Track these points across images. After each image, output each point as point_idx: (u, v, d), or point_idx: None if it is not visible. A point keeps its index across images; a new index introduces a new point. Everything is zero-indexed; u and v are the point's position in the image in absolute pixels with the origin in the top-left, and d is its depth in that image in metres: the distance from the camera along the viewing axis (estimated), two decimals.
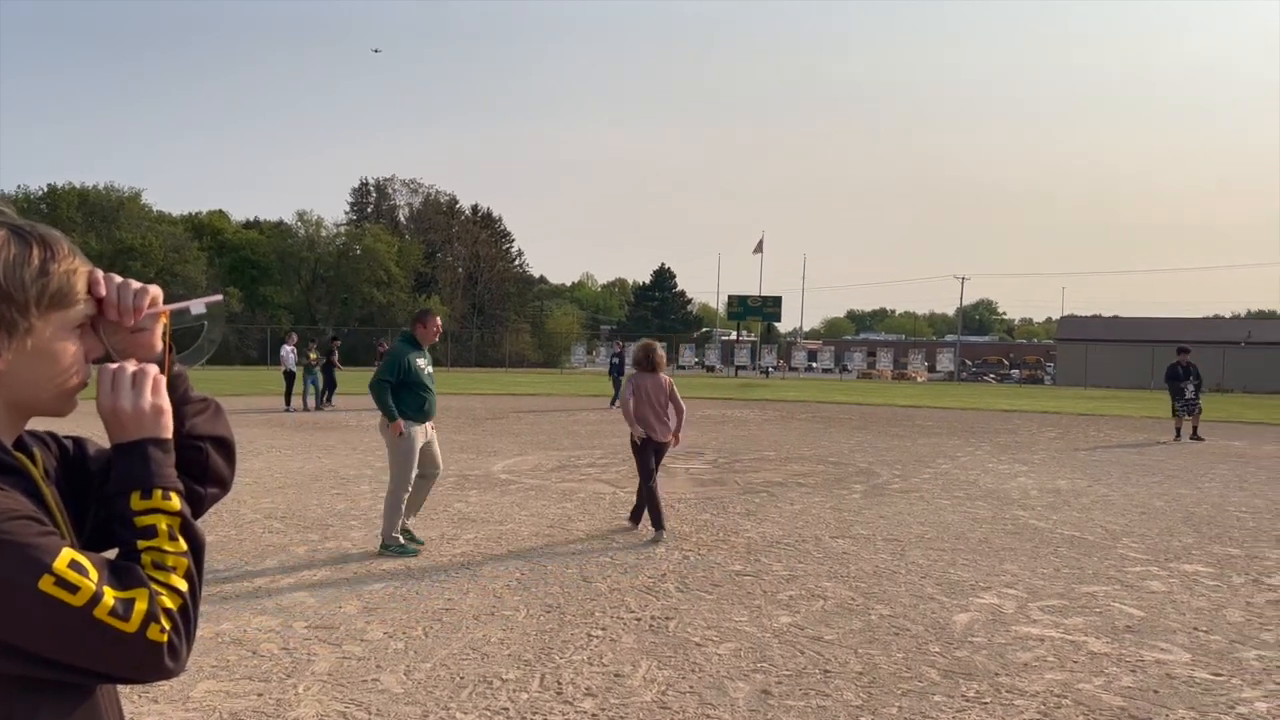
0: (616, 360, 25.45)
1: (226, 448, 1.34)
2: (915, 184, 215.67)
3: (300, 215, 71.69)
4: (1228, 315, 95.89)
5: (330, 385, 22.50)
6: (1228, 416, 24.93)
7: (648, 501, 7.87)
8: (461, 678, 4.39)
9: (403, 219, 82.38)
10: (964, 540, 7.90)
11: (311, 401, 21.40)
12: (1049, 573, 6.77)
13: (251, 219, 75.22)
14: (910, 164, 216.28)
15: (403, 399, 7.08)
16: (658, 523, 7.74)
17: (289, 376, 21.49)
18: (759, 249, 65.43)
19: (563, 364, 71.30)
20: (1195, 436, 18.04)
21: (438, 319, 7.63)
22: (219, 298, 1.31)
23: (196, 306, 1.29)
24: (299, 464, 11.92)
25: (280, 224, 72.49)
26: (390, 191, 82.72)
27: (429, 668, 4.52)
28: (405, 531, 7.17)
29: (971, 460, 13.91)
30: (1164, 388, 19.22)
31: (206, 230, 66.77)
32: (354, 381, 28.03)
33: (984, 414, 25.84)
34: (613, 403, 24.52)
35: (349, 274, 69.08)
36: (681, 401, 8.12)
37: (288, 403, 21.21)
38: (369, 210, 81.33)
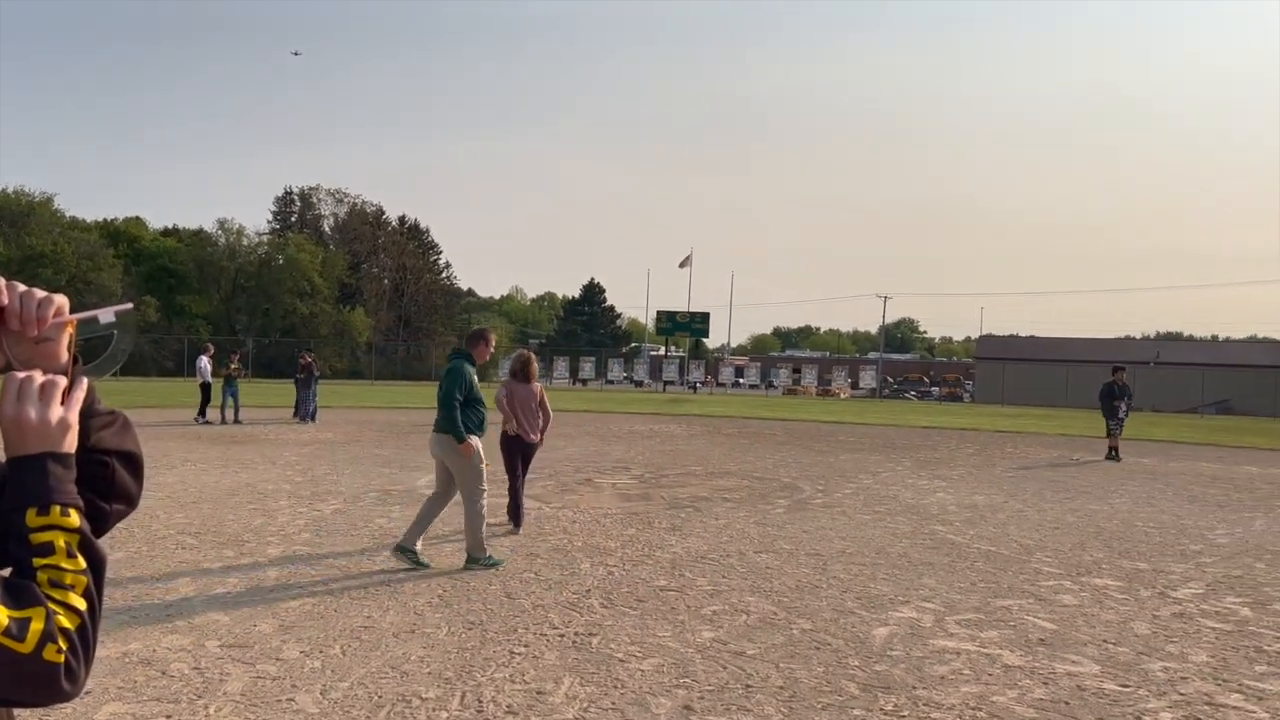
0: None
1: (134, 463, 1.30)
2: (840, 204, 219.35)
3: (221, 223, 70.21)
4: (1138, 336, 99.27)
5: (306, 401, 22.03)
6: (1137, 435, 25.76)
7: (510, 500, 8.77)
8: (380, 697, 4.31)
9: (327, 229, 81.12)
10: (884, 555, 8.02)
11: (230, 414, 20.89)
12: (966, 587, 6.91)
13: (170, 226, 73.35)
14: (835, 184, 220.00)
15: (466, 415, 7.34)
16: (516, 521, 8.70)
17: (205, 388, 20.96)
18: (686, 263, 65.90)
19: (491, 378, 70.72)
20: (1112, 457, 17.95)
21: (494, 339, 8.00)
22: (129, 306, 1.28)
23: (105, 315, 1.25)
24: (215, 478, 11.62)
25: (200, 232, 70.83)
26: (315, 201, 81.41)
27: (346, 686, 4.43)
28: (410, 553, 7.11)
29: (892, 476, 14.15)
30: (1083, 405, 19.64)
31: (122, 237, 64.93)
32: (273, 394, 27.46)
33: (905, 430, 26.32)
34: None
35: (271, 284, 67.74)
36: (550, 410, 9.01)
37: (201, 414, 20.66)
38: (293, 220, 79.92)
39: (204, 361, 21.40)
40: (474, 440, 7.27)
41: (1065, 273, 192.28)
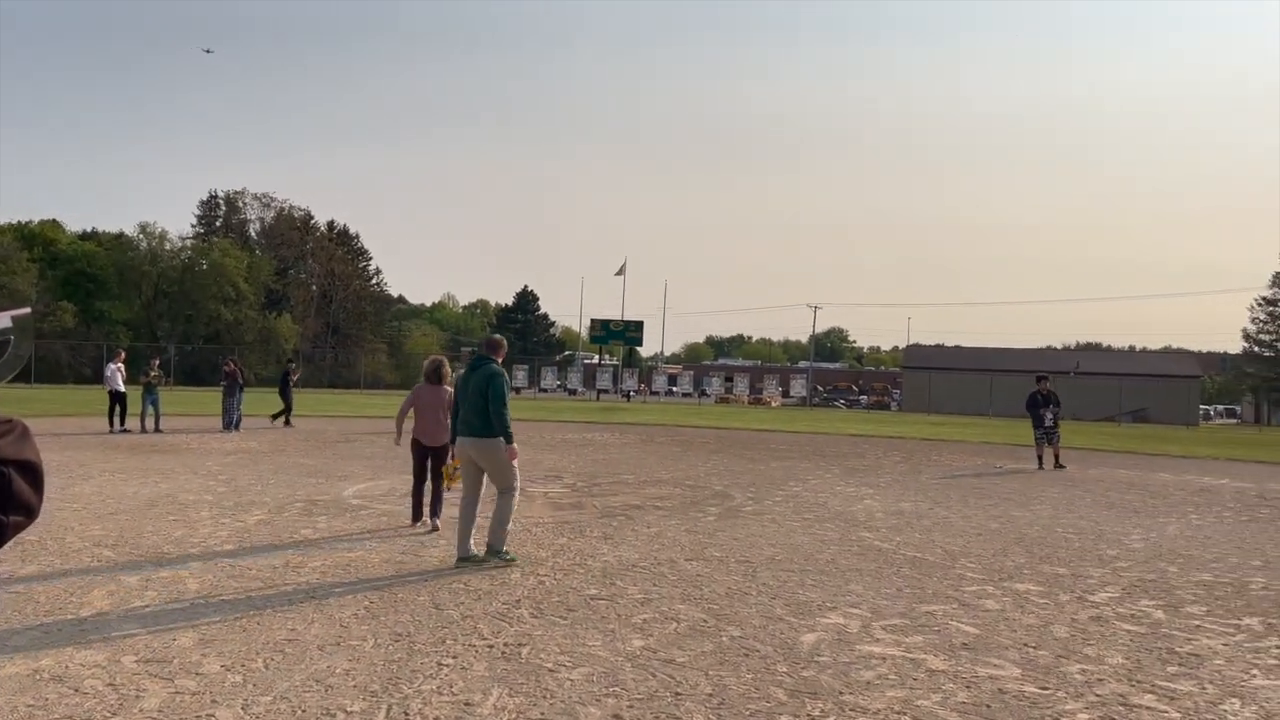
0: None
1: (33, 472, 1.26)
2: (772, 215, 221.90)
3: (143, 227, 68.44)
4: (1059, 346, 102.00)
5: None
6: None
7: (413, 497, 9.28)
8: (303, 711, 4.23)
9: (254, 234, 79.62)
10: (813, 561, 8.11)
11: (151, 423, 20.32)
12: (892, 593, 7.02)
13: (89, 230, 71.28)
14: (767, 195, 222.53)
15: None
16: (416, 515, 9.19)
17: (115, 396, 20.28)
18: (621, 271, 66.00)
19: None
20: (1058, 465, 18.08)
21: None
22: (26, 311, 1.23)
23: (1, 321, 1.21)
24: (134, 489, 11.30)
25: (120, 236, 68.94)
26: (241, 205, 79.89)
27: (269, 701, 4.34)
28: (474, 558, 7.53)
29: (821, 483, 14.32)
30: (1007, 414, 20.00)
31: (38, 240, 62.97)
32: (195, 402, 26.82)
33: (834, 438, 26.66)
34: None
35: (194, 290, 66.21)
36: (448, 416, 8.98)
37: (111, 424, 20.01)
38: (218, 224, 78.28)
39: (111, 369, 20.66)
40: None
41: (990, 284, 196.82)
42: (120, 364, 20.78)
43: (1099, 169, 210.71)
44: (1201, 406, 72.59)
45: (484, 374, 7.65)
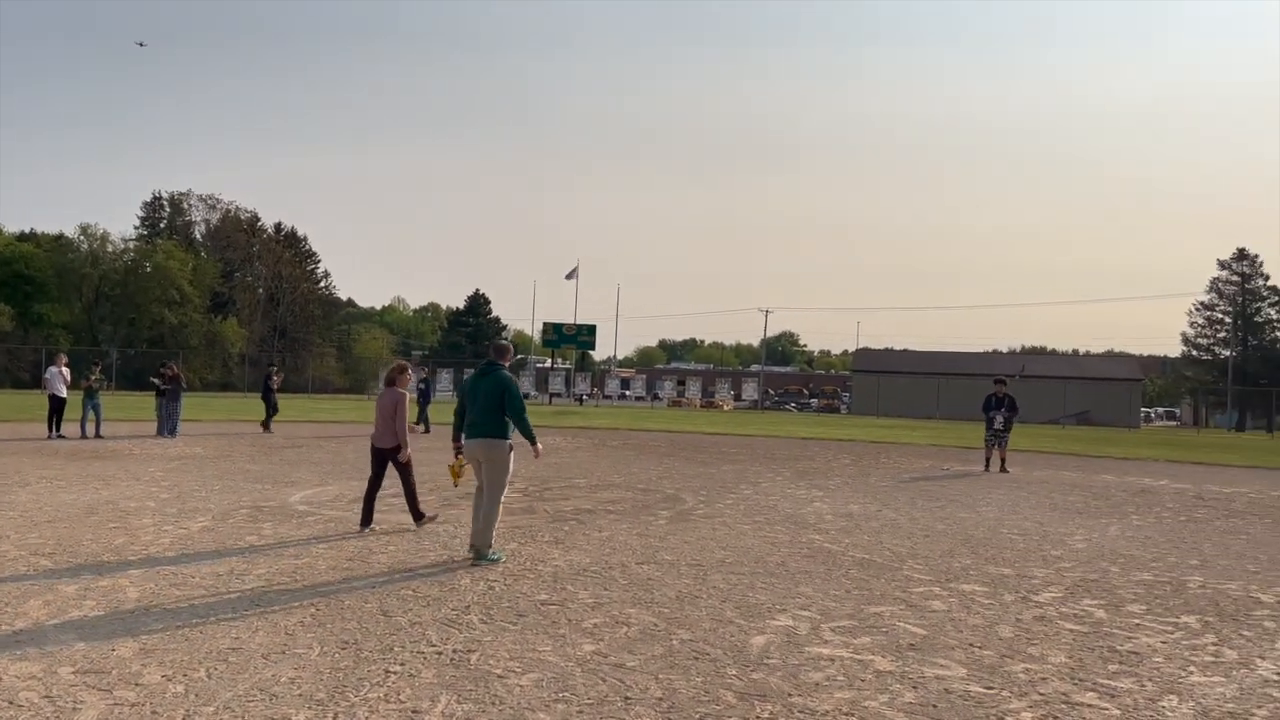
0: (424, 387, 24.88)
1: None
2: (724, 219, 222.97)
3: (84, 229, 66.96)
4: (1005, 350, 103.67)
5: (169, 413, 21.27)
6: None
7: (364, 501, 9.39)
8: None
9: (199, 236, 78.28)
10: (763, 564, 8.15)
11: (91, 428, 19.87)
12: (840, 594, 7.07)
13: (27, 231, 69.56)
14: (720, 200, 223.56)
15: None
16: (365, 520, 9.26)
17: (55, 400, 19.81)
18: (573, 275, 65.92)
19: (371, 389, 69.21)
20: (1003, 469, 18.18)
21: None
22: None
23: None
24: (73, 496, 11.05)
25: (60, 237, 67.38)
26: (186, 207, 78.54)
27: (211, 711, 4.25)
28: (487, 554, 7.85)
29: (772, 486, 14.41)
30: (954, 416, 20.21)
31: None
32: (138, 407, 26.27)
33: (785, 441, 26.85)
34: (424, 430, 24.01)
35: (137, 292, 64.91)
36: (403, 417, 9.25)
37: (50, 429, 19.52)
38: (162, 226, 76.82)
39: (53, 372, 20.16)
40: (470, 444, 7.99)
41: (938, 289, 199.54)
42: (63, 368, 20.30)
43: (1044, 179, 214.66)
44: (1142, 409, 74.23)
45: (496, 380, 7.93)
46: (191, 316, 66.53)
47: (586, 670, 5.02)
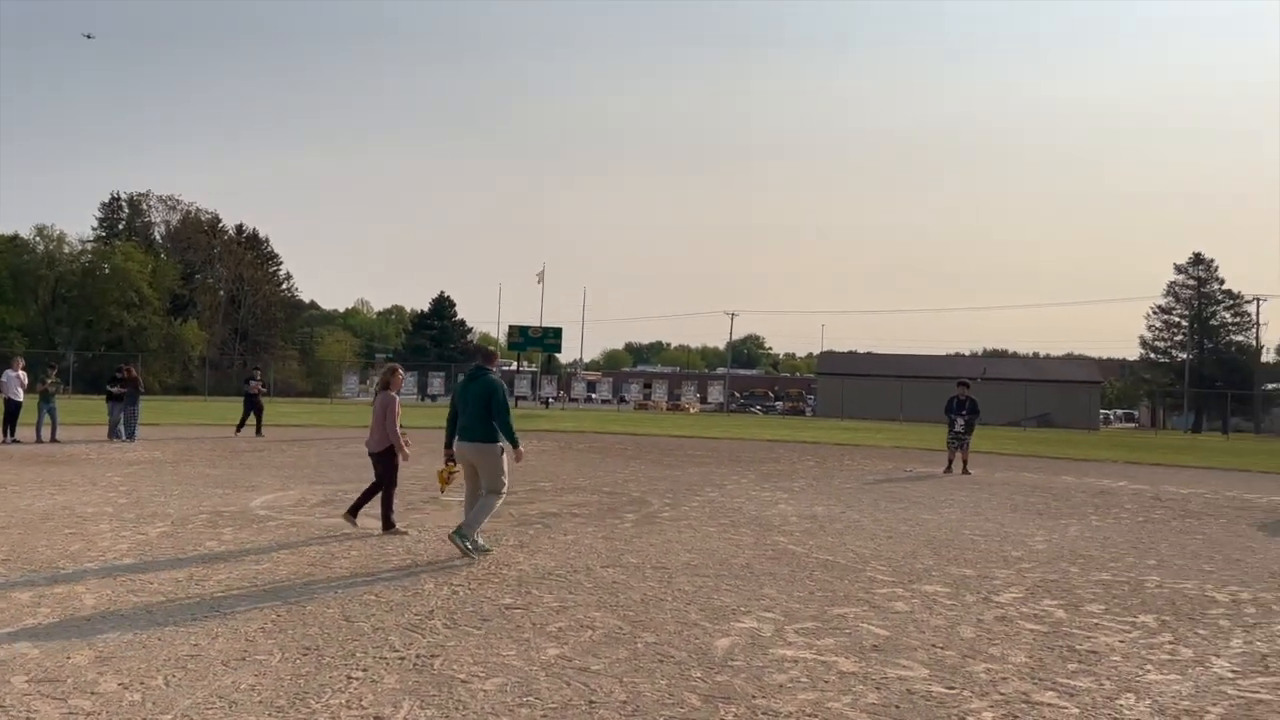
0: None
1: None
2: (690, 221, 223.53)
3: (39, 230, 65.82)
4: (967, 353, 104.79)
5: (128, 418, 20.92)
6: None
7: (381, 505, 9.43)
8: None
9: (158, 237, 77.22)
10: (728, 566, 8.17)
11: (47, 433, 19.53)
12: (804, 596, 7.11)
13: None
14: (686, 203, 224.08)
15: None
16: (353, 511, 9.45)
17: (10, 405, 19.46)
18: (540, 278, 65.77)
19: (333, 393, 68.61)
20: (965, 471, 18.27)
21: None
22: None
23: None
24: (28, 501, 10.85)
25: (15, 239, 66.18)
26: (145, 207, 77.44)
27: (169, 719, 4.19)
28: (474, 544, 8.15)
29: (737, 488, 14.45)
30: (918, 419, 20.33)
31: None
32: (96, 411, 25.87)
33: (750, 444, 26.94)
34: None
35: (95, 295, 63.90)
36: (390, 422, 9.27)
37: (5, 434, 19.15)
38: (120, 227, 75.70)
39: (9, 375, 19.81)
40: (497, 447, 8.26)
41: (901, 292, 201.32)
42: (20, 371, 19.96)
43: (1004, 183, 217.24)
44: (1101, 411, 75.35)
45: (484, 385, 8.16)
46: (151, 319, 65.61)
47: (551, 674, 5.00)
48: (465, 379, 8.41)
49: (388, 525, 9.37)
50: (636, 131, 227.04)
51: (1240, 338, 76.60)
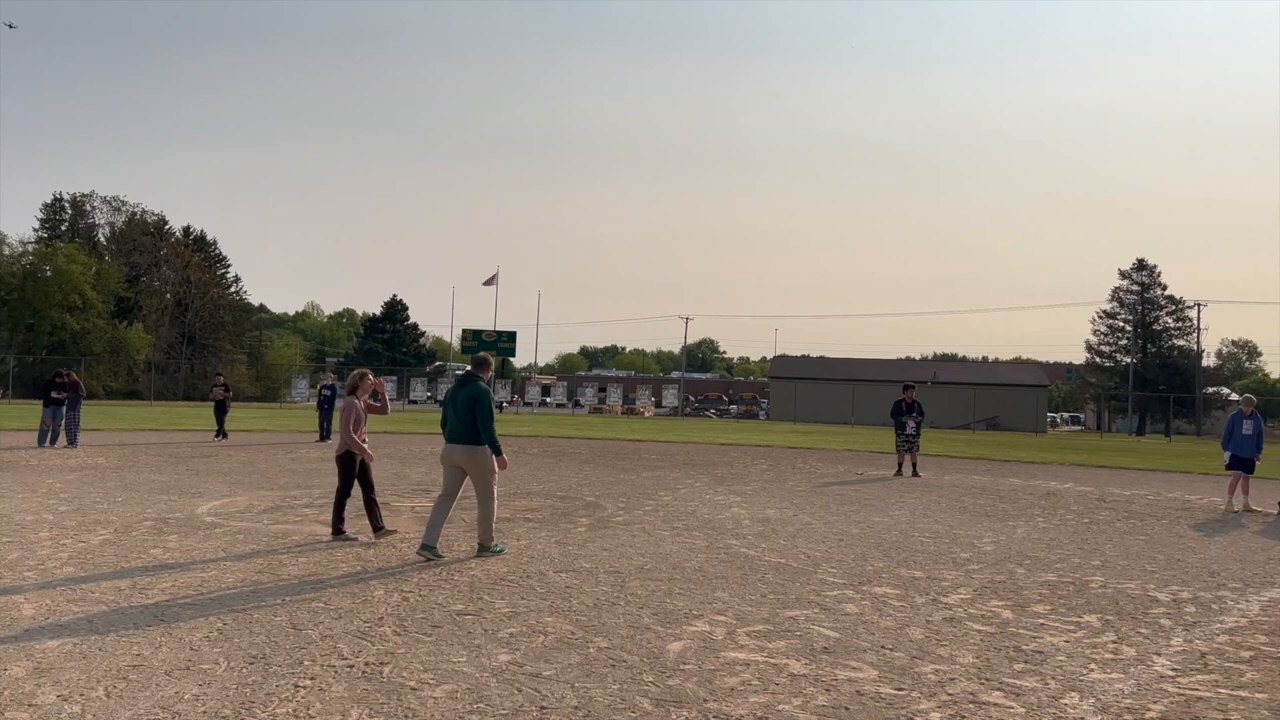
0: (328, 394, 24.34)
1: None
2: (644, 226, 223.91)
3: None
4: (918, 357, 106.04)
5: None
6: None
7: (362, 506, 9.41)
8: None
9: (103, 239, 75.65)
10: (680, 570, 8.18)
11: None
12: (756, 599, 7.14)
13: None
14: (641, 207, 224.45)
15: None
16: (336, 530, 9.29)
17: None
18: (492, 281, 65.45)
19: (283, 397, 67.68)
20: (915, 474, 18.54)
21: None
22: None
23: None
24: None
25: None
26: (89, 209, 75.85)
27: None
28: (432, 549, 8.35)
29: (691, 492, 14.48)
30: (869, 422, 20.56)
31: None
32: (37, 416, 25.30)
33: (704, 447, 27.02)
34: (321, 438, 23.56)
35: (36, 297, 62.41)
36: (344, 427, 9.22)
37: None
38: (63, 229, 74.07)
39: None
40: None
41: (854, 297, 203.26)
42: None
43: (955, 191, 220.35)
44: (1049, 414, 76.61)
45: (471, 392, 8.49)
46: (94, 322, 64.25)
47: (502, 680, 4.97)
48: (455, 385, 8.77)
49: (337, 531, 9.25)
50: (591, 135, 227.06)
51: (1182, 342, 78.40)
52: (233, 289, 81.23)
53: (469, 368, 8.91)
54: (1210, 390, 78.66)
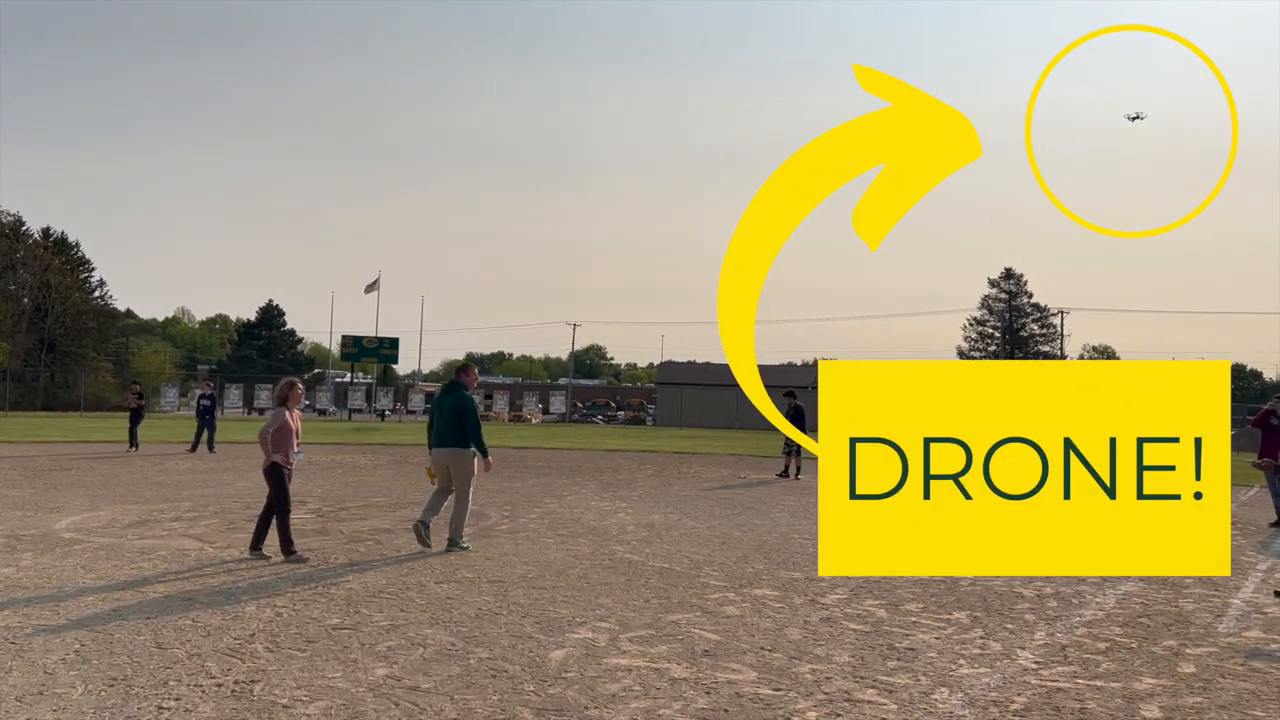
0: (207, 404, 23.41)
1: None
2: (532, 233, 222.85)
3: None
4: (799, 363, 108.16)
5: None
6: None
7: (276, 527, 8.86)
8: None
9: None
10: (564, 577, 8.15)
11: None
12: (639, 604, 7.17)
13: None
14: (526, 212, 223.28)
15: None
16: (253, 543, 8.89)
17: None
18: (373, 288, 64.16)
19: (152, 407, 64.83)
20: (797, 476, 18.95)
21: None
22: None
23: None
24: None
25: None
26: None
27: None
28: (425, 526, 9.13)
29: (576, 499, 14.46)
30: (751, 427, 20.85)
31: None
32: None
33: (591, 453, 27.02)
34: (193, 448, 22.68)
35: None
36: (263, 438, 8.79)
37: None
38: None
39: None
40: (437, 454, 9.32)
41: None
42: None
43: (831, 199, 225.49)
44: None
45: (456, 400, 9.24)
46: None
47: (378, 695, 4.87)
48: (441, 392, 9.53)
49: (287, 551, 8.66)
50: (474, 141, 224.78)
51: (1047, 348, 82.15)
52: (97, 293, 77.53)
53: (454, 378, 9.62)
54: None
